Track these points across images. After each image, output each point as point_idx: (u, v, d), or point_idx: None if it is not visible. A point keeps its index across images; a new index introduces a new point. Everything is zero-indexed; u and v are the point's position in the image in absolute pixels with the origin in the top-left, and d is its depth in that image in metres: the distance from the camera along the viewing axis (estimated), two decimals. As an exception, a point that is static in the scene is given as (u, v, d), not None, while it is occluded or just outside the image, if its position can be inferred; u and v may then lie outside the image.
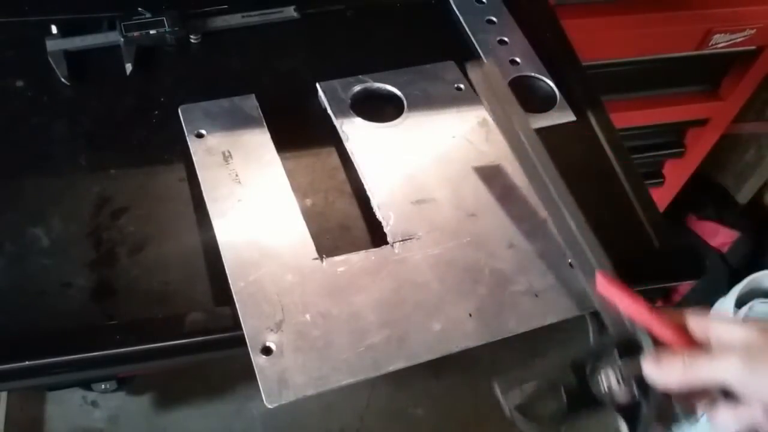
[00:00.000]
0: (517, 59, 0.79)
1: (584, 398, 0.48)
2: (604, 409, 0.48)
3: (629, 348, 0.49)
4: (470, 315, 0.55)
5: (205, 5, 0.79)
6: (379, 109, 0.71)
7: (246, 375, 0.50)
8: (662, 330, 0.49)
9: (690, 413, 0.48)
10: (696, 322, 0.49)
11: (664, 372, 0.47)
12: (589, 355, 0.50)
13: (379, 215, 0.62)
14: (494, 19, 0.84)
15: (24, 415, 1.41)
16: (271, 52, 0.78)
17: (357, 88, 0.72)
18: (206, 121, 0.67)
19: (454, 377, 1.43)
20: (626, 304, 0.51)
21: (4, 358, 0.52)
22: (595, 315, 0.51)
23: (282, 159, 0.65)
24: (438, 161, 0.67)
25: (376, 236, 0.61)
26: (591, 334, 0.51)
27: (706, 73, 1.33)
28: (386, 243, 0.60)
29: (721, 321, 0.48)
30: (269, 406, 0.49)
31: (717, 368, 0.45)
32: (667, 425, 0.48)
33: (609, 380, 0.48)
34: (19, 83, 0.71)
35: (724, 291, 1.42)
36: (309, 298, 0.55)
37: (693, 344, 0.48)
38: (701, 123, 1.39)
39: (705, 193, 1.62)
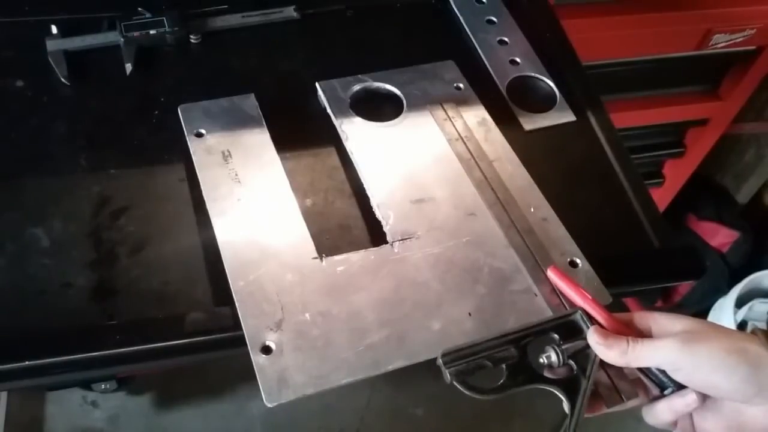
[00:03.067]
0: (517, 59, 0.79)
1: (524, 371, 0.50)
2: (542, 383, 0.50)
3: (568, 329, 0.51)
4: (469, 314, 0.55)
5: (205, 5, 0.79)
6: (379, 108, 0.72)
7: (246, 375, 0.50)
8: (609, 322, 0.51)
9: (632, 395, 0.50)
10: (641, 317, 0.51)
11: (608, 344, 0.49)
12: (530, 332, 0.51)
13: (378, 215, 0.62)
14: (494, 19, 0.84)
15: (24, 415, 1.41)
16: (271, 52, 0.78)
17: (356, 87, 0.72)
18: (206, 120, 0.67)
19: (454, 377, 1.43)
20: (576, 297, 0.53)
21: (4, 358, 0.52)
22: (587, 314, 0.52)
23: (282, 158, 0.65)
24: (437, 160, 0.67)
25: (376, 236, 0.61)
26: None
27: (706, 73, 1.33)
28: (386, 242, 0.60)
29: (663, 314, 0.50)
30: (269, 406, 0.49)
31: (656, 350, 0.47)
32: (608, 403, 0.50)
33: (549, 357, 0.50)
34: (19, 83, 0.71)
35: (724, 291, 1.42)
36: (309, 298, 0.55)
37: (636, 334, 0.50)
38: (701, 123, 1.39)
39: (705, 193, 1.62)
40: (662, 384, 0.49)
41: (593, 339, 0.49)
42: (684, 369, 0.47)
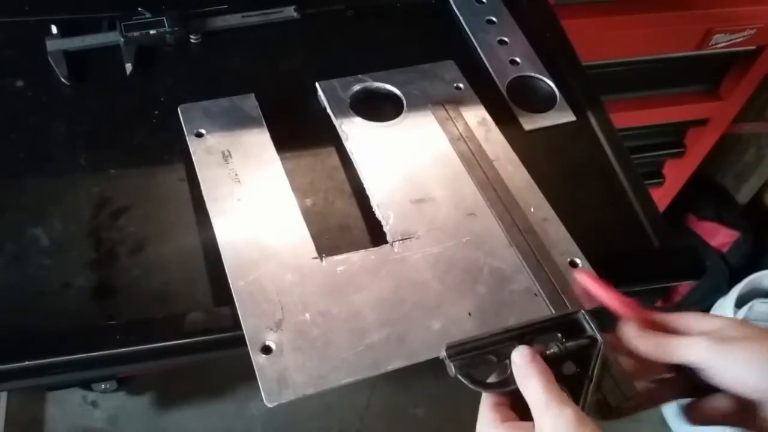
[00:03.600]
0: (517, 59, 0.79)
1: None
2: None
3: (570, 329, 0.51)
4: (469, 314, 0.55)
5: (205, 5, 0.79)
6: (379, 108, 0.72)
7: (246, 375, 0.50)
8: (642, 320, 0.51)
9: (632, 394, 0.49)
10: (674, 318, 0.51)
11: (640, 335, 0.49)
12: (533, 328, 0.51)
13: (378, 214, 0.62)
14: (494, 19, 0.84)
15: (24, 415, 1.41)
16: (271, 52, 0.78)
17: (356, 87, 0.72)
18: (206, 120, 0.67)
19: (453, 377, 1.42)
20: (606, 298, 0.53)
21: (4, 358, 0.52)
22: (593, 313, 0.52)
23: (282, 158, 0.65)
24: (437, 160, 0.67)
25: (376, 235, 0.61)
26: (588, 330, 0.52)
27: (706, 73, 1.33)
28: (386, 242, 0.60)
29: (697, 314, 0.51)
30: (269, 406, 0.49)
31: (688, 347, 0.47)
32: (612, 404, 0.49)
33: (554, 352, 0.49)
34: (19, 83, 0.71)
35: (724, 291, 1.42)
36: (309, 298, 0.55)
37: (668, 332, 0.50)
38: (701, 123, 1.39)
39: (705, 193, 1.62)
40: (694, 384, 0.49)
41: (629, 331, 0.49)
42: (714, 367, 0.47)
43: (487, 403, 0.48)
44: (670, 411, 1.35)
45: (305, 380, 0.50)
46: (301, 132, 0.70)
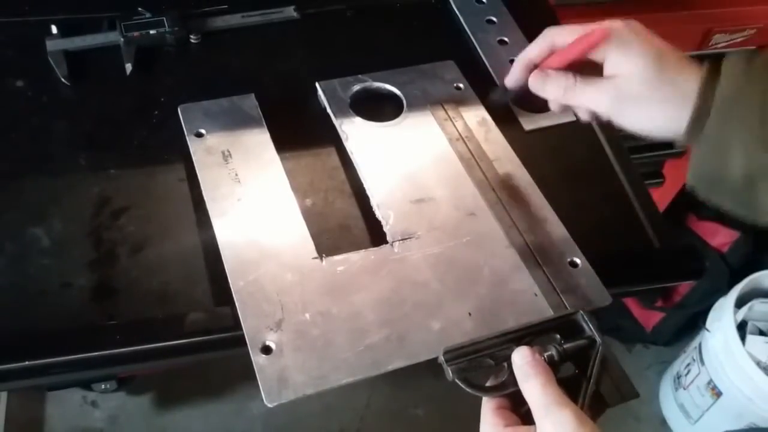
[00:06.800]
0: (517, 59, 0.79)
1: None
2: None
3: (569, 329, 0.51)
4: (469, 314, 0.55)
5: (205, 5, 0.79)
6: (379, 108, 0.72)
7: (246, 375, 0.50)
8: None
9: (633, 394, 0.49)
10: (600, 53, 0.63)
11: (549, 80, 0.60)
12: (532, 330, 0.51)
13: (378, 215, 0.62)
14: (494, 19, 0.84)
15: (24, 415, 1.41)
16: (271, 52, 0.78)
17: (356, 87, 0.72)
18: (206, 120, 0.67)
19: (454, 377, 1.43)
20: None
21: (4, 358, 0.52)
22: (593, 313, 0.52)
23: (282, 158, 0.65)
24: (437, 160, 0.67)
25: (376, 236, 0.61)
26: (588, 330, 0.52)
27: (707, 73, 1.33)
28: (386, 242, 0.60)
29: (618, 48, 0.63)
30: (269, 406, 0.49)
31: (592, 97, 0.58)
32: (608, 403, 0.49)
33: (551, 356, 0.49)
34: (19, 83, 0.71)
35: (724, 291, 1.42)
36: (309, 298, 0.55)
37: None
38: (701, 123, 1.39)
39: (705, 193, 1.62)
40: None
41: (535, 78, 0.59)
42: (612, 118, 0.57)
43: (488, 407, 0.48)
44: (671, 411, 1.35)
45: (305, 380, 0.50)
46: (301, 132, 0.70)
